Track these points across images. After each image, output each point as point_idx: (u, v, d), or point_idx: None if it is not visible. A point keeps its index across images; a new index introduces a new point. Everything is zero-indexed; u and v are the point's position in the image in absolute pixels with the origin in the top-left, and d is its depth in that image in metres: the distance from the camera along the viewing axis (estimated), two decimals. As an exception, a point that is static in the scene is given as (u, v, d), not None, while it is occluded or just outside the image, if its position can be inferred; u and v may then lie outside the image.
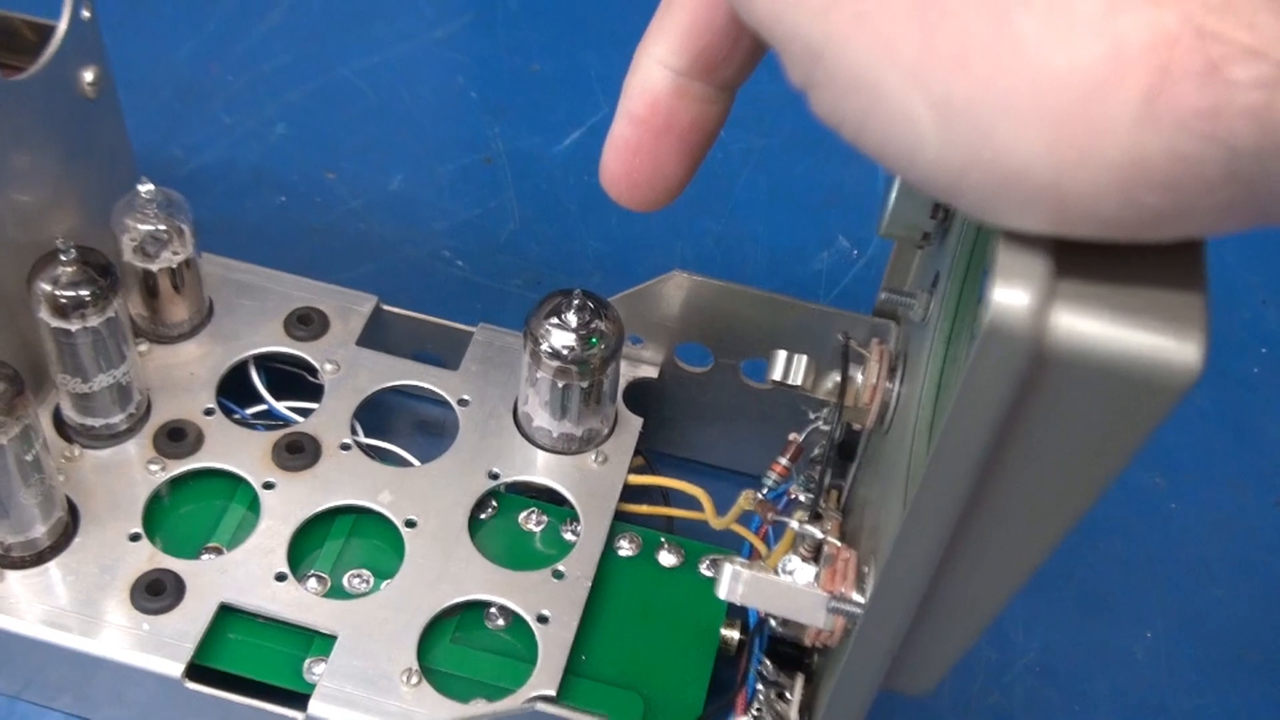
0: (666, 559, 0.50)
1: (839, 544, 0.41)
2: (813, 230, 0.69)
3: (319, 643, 0.45)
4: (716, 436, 0.56)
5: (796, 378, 0.46)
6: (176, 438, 0.49)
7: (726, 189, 0.70)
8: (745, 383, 0.53)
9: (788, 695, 0.46)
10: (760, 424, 0.55)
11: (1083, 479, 0.27)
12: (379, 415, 0.54)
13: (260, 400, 0.52)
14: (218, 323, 0.53)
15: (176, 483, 0.49)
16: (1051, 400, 0.25)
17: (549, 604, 0.46)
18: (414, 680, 0.44)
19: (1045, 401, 0.25)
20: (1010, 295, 0.24)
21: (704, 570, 0.50)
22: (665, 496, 0.52)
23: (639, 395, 0.53)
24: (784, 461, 0.46)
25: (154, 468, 0.48)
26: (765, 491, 0.46)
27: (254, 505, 0.48)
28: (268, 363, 0.53)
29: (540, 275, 0.64)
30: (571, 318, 0.48)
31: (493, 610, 0.47)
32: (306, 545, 0.48)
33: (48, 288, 0.45)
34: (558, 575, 0.47)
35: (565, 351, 0.48)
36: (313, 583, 0.47)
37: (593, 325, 0.48)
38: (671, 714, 0.46)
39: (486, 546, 0.48)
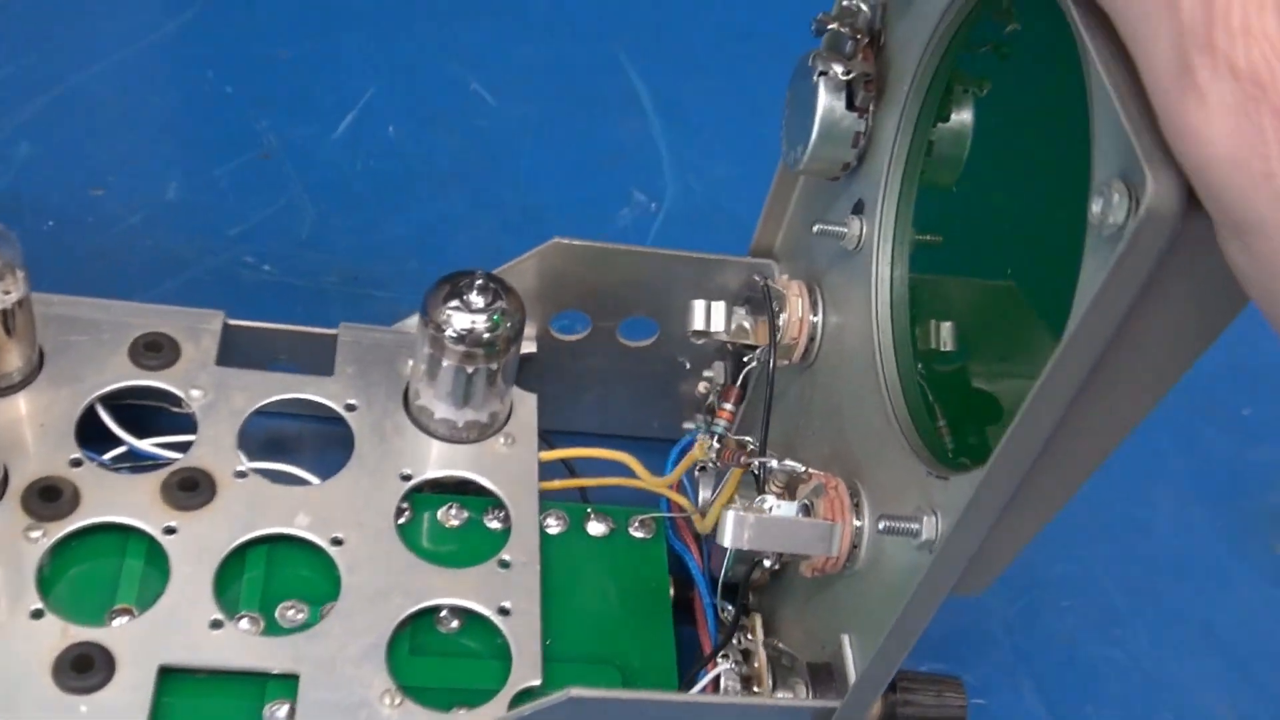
0: (596, 529, 0.49)
1: (822, 473, 0.41)
2: (607, 189, 0.69)
3: (274, 685, 0.42)
4: (591, 404, 0.56)
5: (718, 324, 0.46)
6: (50, 497, 0.44)
7: (514, 159, 0.69)
8: (623, 344, 0.53)
9: (750, 636, 0.47)
10: (635, 384, 0.55)
11: (1183, 351, 0.29)
12: (252, 439, 0.50)
13: (119, 443, 0.47)
14: (53, 365, 0.47)
15: (62, 546, 0.43)
16: (1176, 278, 0.27)
17: (505, 595, 0.45)
18: (396, 700, 0.41)
19: (1170, 280, 0.27)
20: (1165, 184, 0.25)
21: (634, 533, 0.49)
22: (570, 469, 0.51)
23: (520, 371, 0.52)
24: (729, 406, 0.46)
25: (34, 534, 0.43)
26: (716, 439, 0.45)
27: (155, 555, 0.44)
28: (116, 401, 0.48)
29: (354, 268, 0.61)
30: (475, 298, 0.46)
31: (443, 614, 0.45)
32: (226, 587, 0.44)
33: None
34: (504, 564, 0.46)
35: (473, 334, 0.46)
36: (245, 624, 0.43)
37: (496, 304, 0.47)
38: (649, 678, 0.45)
39: (420, 550, 0.46)
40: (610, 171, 0.70)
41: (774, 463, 0.42)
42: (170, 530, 0.44)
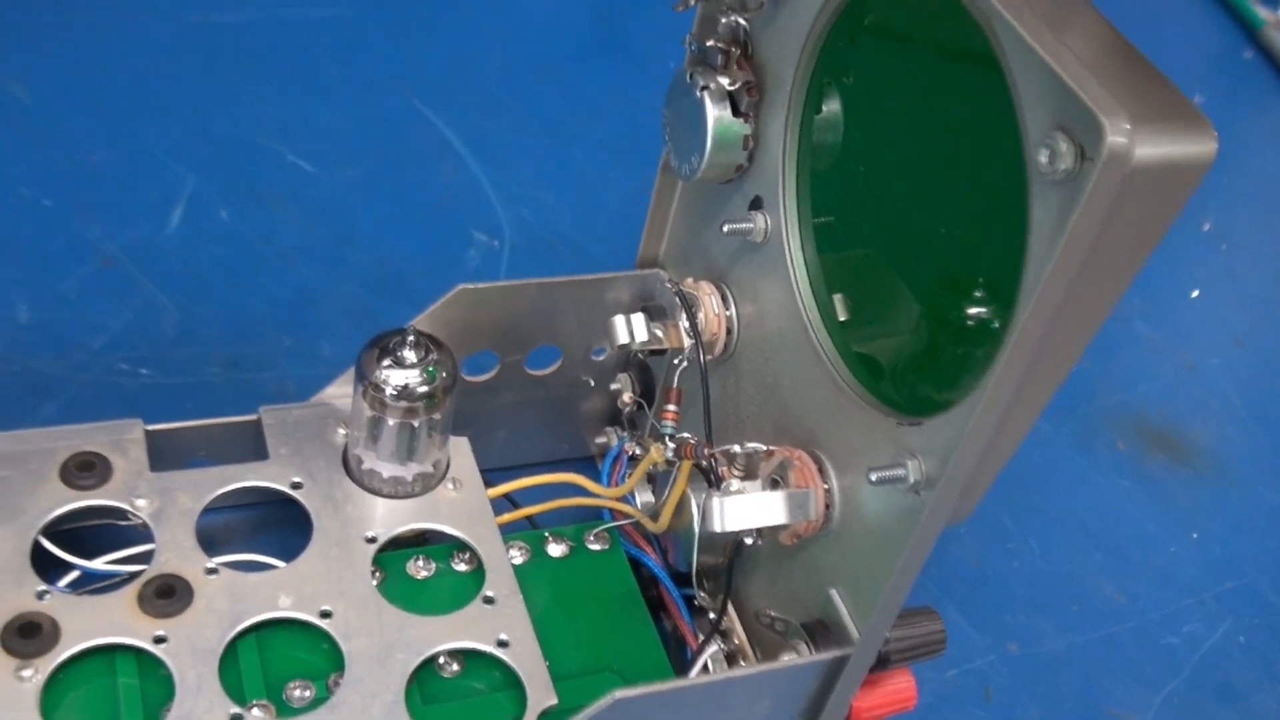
0: (557, 550, 0.51)
1: (775, 449, 0.45)
2: (448, 234, 0.71)
3: (307, 765, 0.42)
4: (504, 439, 0.57)
5: (640, 335, 0.49)
6: (30, 633, 0.43)
7: (351, 221, 0.70)
8: (530, 375, 0.55)
9: (726, 618, 0.50)
10: (543, 412, 0.57)
11: (1130, 260, 0.34)
12: (200, 539, 0.49)
13: (68, 568, 0.46)
14: (-14, 505, 0.46)
15: (52, 680, 0.42)
16: (1125, 201, 0.32)
17: (500, 628, 0.47)
18: (433, 749, 0.43)
19: (1122, 203, 0.32)
20: (1118, 128, 0.30)
21: (592, 546, 0.52)
22: (512, 501, 0.53)
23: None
24: (672, 407, 0.49)
25: (25, 673, 0.42)
26: (670, 439, 0.48)
27: (146, 667, 0.43)
28: (56, 529, 0.47)
29: (231, 356, 0.61)
30: (408, 354, 0.48)
31: (441, 660, 0.46)
32: (225, 682, 0.44)
33: None
34: (489, 601, 0.47)
35: (411, 389, 0.47)
36: (258, 713, 0.43)
37: (429, 356, 0.48)
38: (647, 676, 0.47)
39: (405, 605, 0.47)
40: (445, 217, 0.72)
41: (737, 448, 0.45)
42: (160, 639, 0.44)
